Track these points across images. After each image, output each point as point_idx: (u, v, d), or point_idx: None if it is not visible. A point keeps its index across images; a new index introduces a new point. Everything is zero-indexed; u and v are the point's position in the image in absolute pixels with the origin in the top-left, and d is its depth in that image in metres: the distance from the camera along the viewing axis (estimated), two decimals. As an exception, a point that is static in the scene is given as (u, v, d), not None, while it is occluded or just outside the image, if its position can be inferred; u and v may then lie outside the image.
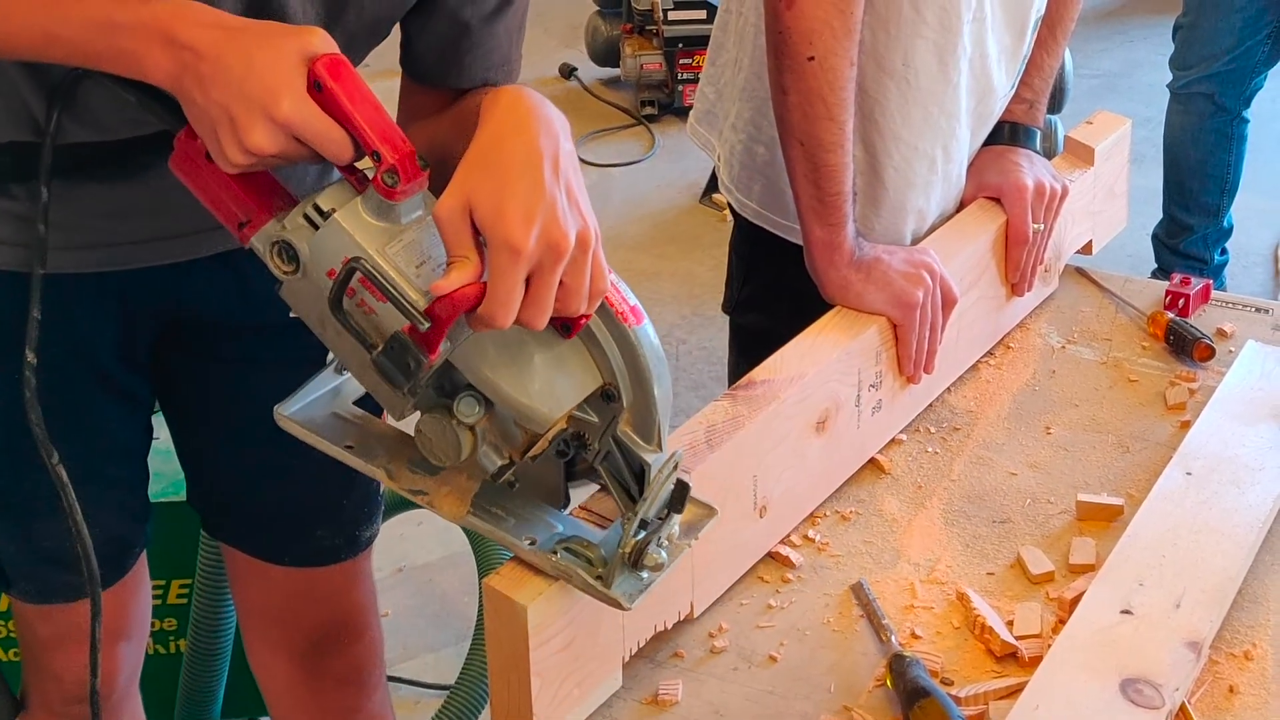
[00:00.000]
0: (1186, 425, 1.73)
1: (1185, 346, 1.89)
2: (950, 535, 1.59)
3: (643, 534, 1.25)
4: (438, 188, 1.19)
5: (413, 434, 1.28)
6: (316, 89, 1.16)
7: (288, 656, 1.86)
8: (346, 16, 1.41)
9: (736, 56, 1.87)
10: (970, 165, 1.92)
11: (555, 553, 1.26)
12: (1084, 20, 2.03)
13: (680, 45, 5.43)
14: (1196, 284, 1.99)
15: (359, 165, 1.21)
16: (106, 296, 1.56)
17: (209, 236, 1.54)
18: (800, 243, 1.73)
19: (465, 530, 2.55)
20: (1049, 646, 1.38)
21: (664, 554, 1.26)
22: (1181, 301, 1.97)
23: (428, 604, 3.09)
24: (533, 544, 1.27)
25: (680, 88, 5.43)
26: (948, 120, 1.82)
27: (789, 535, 1.58)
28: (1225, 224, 4.09)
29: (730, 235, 2.00)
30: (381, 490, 1.81)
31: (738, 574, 1.51)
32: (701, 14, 5.40)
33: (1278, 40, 3.85)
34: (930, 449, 1.74)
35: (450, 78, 1.49)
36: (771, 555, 1.55)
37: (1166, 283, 2.01)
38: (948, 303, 1.73)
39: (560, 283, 1.17)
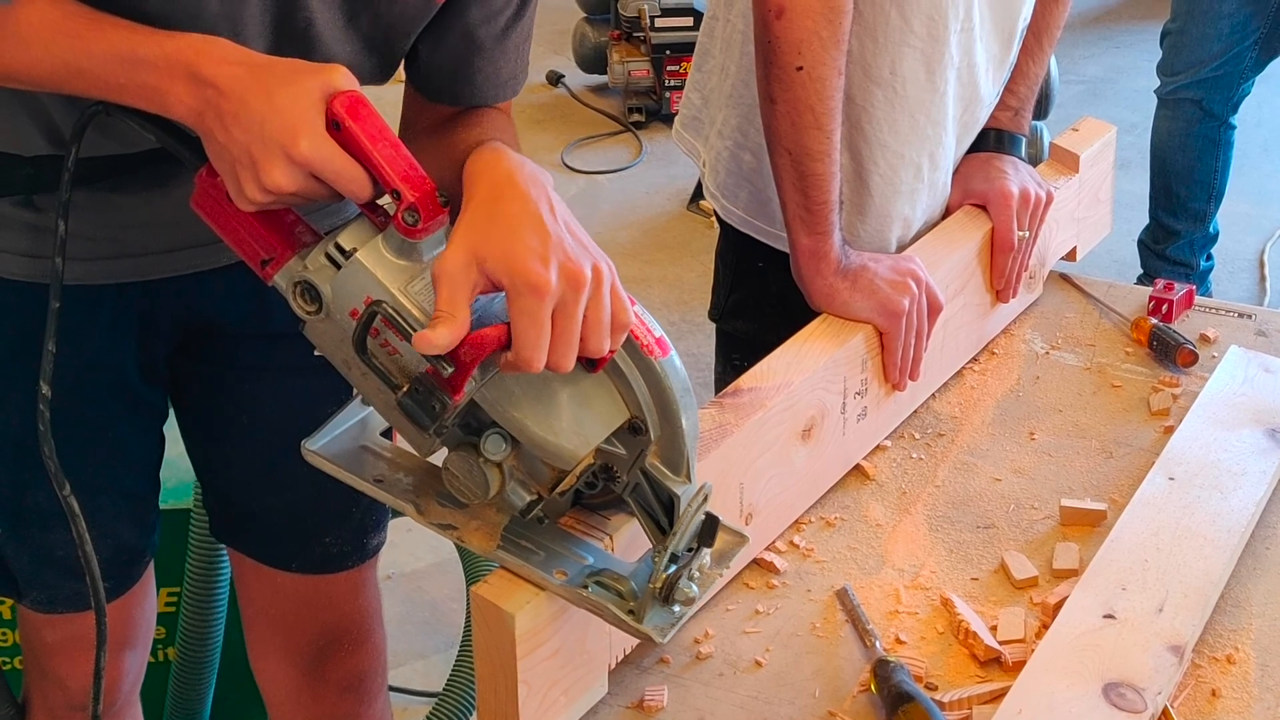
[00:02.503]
0: (1170, 430, 1.74)
1: (1168, 352, 1.90)
2: (934, 541, 1.60)
3: (674, 568, 1.24)
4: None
5: (440, 468, 1.28)
6: (335, 128, 1.16)
7: (291, 662, 1.86)
8: (361, 20, 1.40)
9: (723, 63, 1.88)
10: (956, 172, 1.93)
11: (586, 587, 1.26)
12: (1069, 26, 2.04)
13: (667, 52, 5.44)
14: (1180, 289, 2.00)
15: (379, 202, 1.20)
16: (127, 307, 1.56)
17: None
18: (787, 250, 1.74)
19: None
20: (1032, 651, 1.39)
21: (695, 588, 1.25)
22: (1165, 307, 1.98)
23: (416, 611, 3.09)
24: (563, 578, 1.26)
25: (667, 94, 5.44)
26: (934, 128, 1.83)
27: (774, 542, 1.58)
28: (1211, 230, 4.10)
29: (717, 242, 2.01)
30: None
31: (723, 581, 1.52)
32: (688, 20, 5.41)
33: (1265, 46, 3.86)
34: (915, 455, 1.74)
35: (463, 96, 1.49)
36: (757, 561, 1.56)
37: (1150, 288, 2.02)
38: (933, 310, 1.74)
39: (584, 319, 1.16)
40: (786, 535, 1.60)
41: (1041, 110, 4.47)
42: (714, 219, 2.00)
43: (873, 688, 1.37)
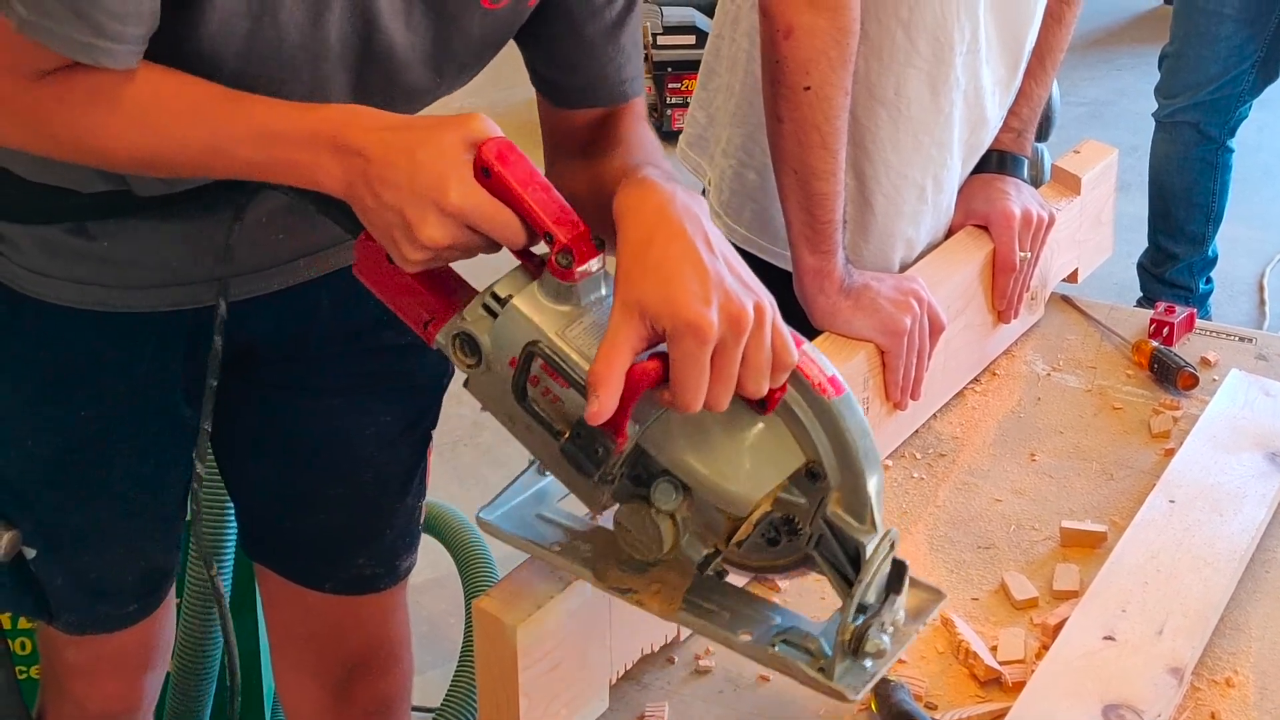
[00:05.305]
0: (1170, 453, 1.74)
1: (1169, 375, 1.90)
2: (935, 561, 1.60)
3: (861, 619, 1.20)
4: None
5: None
6: (485, 175, 1.16)
7: (319, 684, 1.86)
8: (452, 41, 1.39)
9: (728, 82, 1.88)
10: (958, 193, 1.94)
11: (773, 645, 1.22)
12: (1071, 49, 2.05)
13: (669, 70, 5.45)
14: (1181, 313, 2.00)
15: (533, 250, 1.19)
16: (177, 333, 1.56)
17: (280, 271, 1.55)
18: (789, 268, 1.74)
19: (452, 552, 2.55)
20: (1032, 672, 1.39)
21: (886, 639, 1.20)
22: (1166, 330, 1.98)
23: (414, 626, 3.06)
24: (749, 638, 1.23)
25: (669, 112, 5.45)
26: (939, 150, 1.83)
27: (775, 559, 1.59)
28: (1210, 253, 4.11)
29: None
30: (420, 521, 1.82)
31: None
32: (690, 39, 5.42)
33: (1263, 70, 3.87)
34: (916, 475, 1.75)
35: (589, 97, 1.47)
36: (758, 579, 1.56)
37: (1151, 311, 2.03)
38: (935, 330, 1.74)
39: (743, 359, 1.14)
40: (787, 553, 1.60)
41: (1043, 132, 4.47)
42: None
43: (873, 707, 1.37)
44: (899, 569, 1.21)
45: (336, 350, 1.59)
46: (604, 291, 1.19)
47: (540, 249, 1.19)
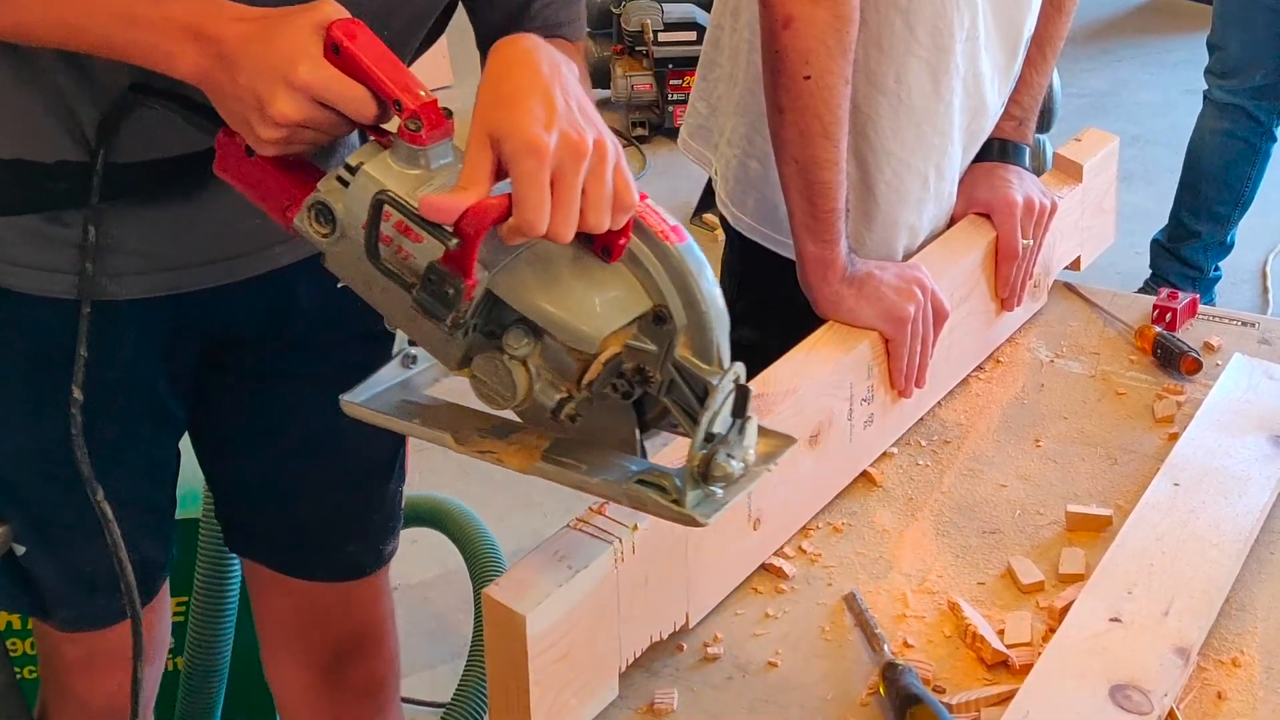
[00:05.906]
0: (1174, 437, 1.75)
1: (1173, 360, 1.91)
2: (941, 546, 1.61)
3: (709, 447, 1.21)
4: None
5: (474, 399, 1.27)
6: (335, 52, 1.20)
7: (309, 670, 1.87)
8: (399, 17, 1.43)
9: (731, 72, 1.89)
10: (960, 182, 1.94)
11: (626, 483, 1.24)
12: (1071, 40, 2.06)
13: (670, 66, 5.45)
14: (1184, 298, 2.01)
15: (386, 127, 1.23)
16: (156, 321, 1.57)
17: (259, 256, 1.56)
18: (793, 258, 1.75)
19: (460, 546, 2.56)
20: (1039, 654, 1.40)
21: (735, 464, 1.21)
22: (1169, 315, 1.99)
23: (423, 621, 3.10)
24: (604, 481, 1.25)
25: (671, 108, 5.45)
26: (940, 138, 1.84)
27: (782, 547, 1.59)
28: (1228, 239, 4.11)
29: (722, 251, 2.02)
30: (401, 504, 1.83)
31: (732, 585, 1.53)
32: (692, 35, 5.42)
33: None
34: (921, 462, 1.75)
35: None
36: (765, 567, 1.56)
37: (1154, 297, 2.03)
38: (939, 317, 1.75)
39: (584, 192, 1.16)
40: (795, 541, 1.61)
41: (1045, 124, 4.48)
42: (718, 231, 2.01)
43: (881, 690, 1.38)
44: (743, 394, 1.22)
45: (319, 339, 1.59)
46: (453, 159, 1.22)
47: (393, 127, 1.22)
